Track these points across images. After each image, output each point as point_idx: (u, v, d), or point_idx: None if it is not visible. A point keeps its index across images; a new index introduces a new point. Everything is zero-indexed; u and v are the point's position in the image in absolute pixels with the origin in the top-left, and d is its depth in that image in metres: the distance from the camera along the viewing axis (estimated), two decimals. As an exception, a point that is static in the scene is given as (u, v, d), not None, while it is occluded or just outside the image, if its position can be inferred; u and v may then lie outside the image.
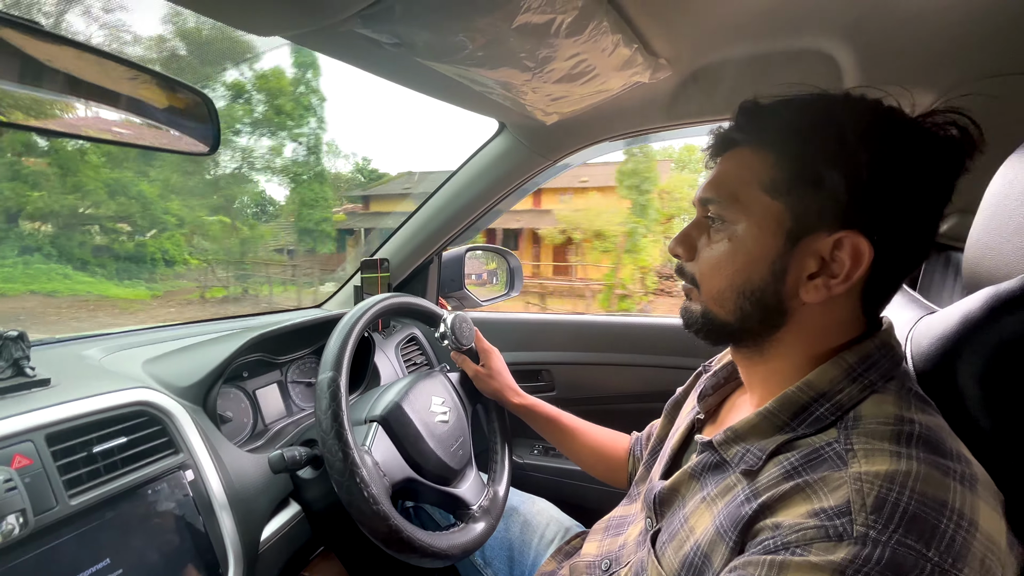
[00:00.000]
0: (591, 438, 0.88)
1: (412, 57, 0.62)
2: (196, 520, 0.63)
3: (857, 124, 0.41)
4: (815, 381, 0.44)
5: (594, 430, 0.89)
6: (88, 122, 0.59)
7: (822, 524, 0.35)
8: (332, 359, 0.67)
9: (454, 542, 0.72)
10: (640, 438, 0.85)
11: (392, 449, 0.72)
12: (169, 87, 0.60)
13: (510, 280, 1.54)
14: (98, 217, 10.65)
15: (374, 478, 0.63)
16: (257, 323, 1.09)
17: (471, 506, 0.79)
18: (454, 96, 0.84)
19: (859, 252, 0.41)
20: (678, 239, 0.52)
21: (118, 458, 0.59)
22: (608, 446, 0.87)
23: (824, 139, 0.41)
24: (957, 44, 0.67)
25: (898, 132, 0.41)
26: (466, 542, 0.73)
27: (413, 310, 0.84)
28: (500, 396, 0.91)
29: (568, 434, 0.89)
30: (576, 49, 0.62)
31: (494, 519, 0.80)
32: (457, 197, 1.18)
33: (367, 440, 0.70)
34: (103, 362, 0.80)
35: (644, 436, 0.85)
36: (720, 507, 0.44)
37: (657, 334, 1.23)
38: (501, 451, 0.93)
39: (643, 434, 0.85)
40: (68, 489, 0.54)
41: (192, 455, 0.66)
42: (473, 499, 0.80)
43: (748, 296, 0.46)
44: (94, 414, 0.60)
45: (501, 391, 0.91)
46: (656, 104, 0.90)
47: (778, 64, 0.78)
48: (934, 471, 0.35)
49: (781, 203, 0.43)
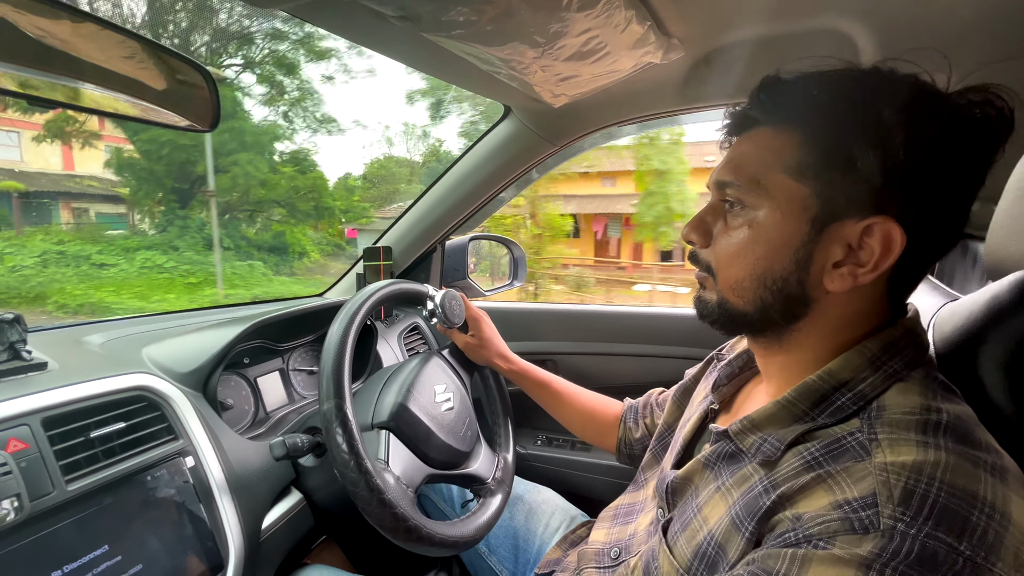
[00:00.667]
0: (581, 402, 0.89)
1: (418, 32, 0.60)
2: (196, 507, 0.62)
3: (893, 100, 0.38)
4: (836, 370, 0.42)
5: (585, 394, 0.90)
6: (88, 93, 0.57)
7: (846, 516, 0.33)
8: (332, 384, 0.63)
9: (479, 523, 0.72)
10: (635, 406, 0.85)
11: (406, 453, 0.71)
12: (169, 60, 0.58)
13: (514, 270, 1.52)
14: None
15: (398, 495, 0.62)
16: (259, 311, 1.08)
17: (486, 480, 0.80)
18: (460, 76, 0.82)
19: (891, 239, 0.39)
20: (692, 224, 0.49)
21: (116, 443, 0.58)
22: (598, 411, 0.87)
23: (857, 116, 0.38)
24: (980, 22, 0.65)
25: (936, 111, 0.38)
26: (489, 518, 0.75)
27: (396, 294, 0.81)
28: (491, 363, 0.91)
29: (559, 398, 0.89)
30: (588, 24, 0.60)
31: (508, 487, 0.83)
32: (461, 184, 1.16)
33: (380, 451, 0.68)
34: (103, 347, 0.79)
35: (640, 404, 0.84)
36: (736, 497, 0.43)
37: (664, 324, 1.21)
38: (503, 417, 0.94)
39: (638, 402, 0.85)
40: (65, 474, 0.53)
41: (192, 441, 0.65)
42: (487, 473, 0.81)
43: (769, 286, 0.43)
44: (92, 398, 0.58)
45: (492, 358, 0.90)
46: (667, 87, 0.88)
47: (793, 45, 0.76)
48: (964, 462, 0.34)
49: (807, 187, 0.41)
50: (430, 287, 0.88)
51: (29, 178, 10.73)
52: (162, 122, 0.57)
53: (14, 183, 10.19)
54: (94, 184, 11.14)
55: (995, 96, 0.38)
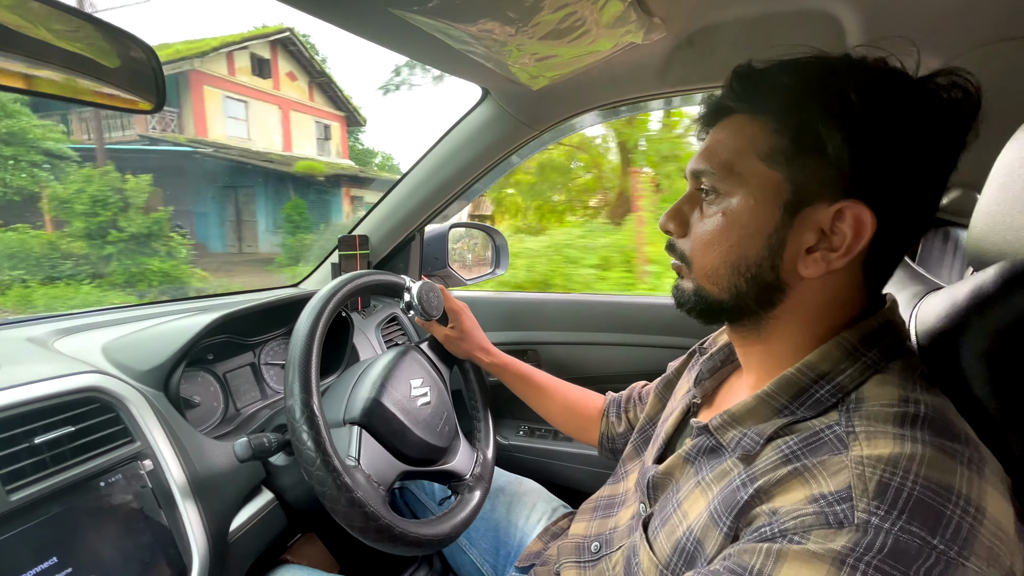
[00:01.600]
0: (563, 395, 0.88)
1: (385, 8, 0.56)
2: (156, 512, 0.59)
3: (860, 86, 0.38)
4: (815, 362, 0.41)
5: (566, 388, 0.89)
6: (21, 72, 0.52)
7: (821, 510, 0.33)
8: (298, 379, 0.59)
9: (455, 521, 0.70)
10: (617, 399, 0.84)
11: (379, 450, 0.68)
12: (110, 36, 0.53)
13: (496, 257, 1.49)
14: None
15: (368, 493, 0.59)
16: (227, 302, 1.03)
17: (464, 476, 0.78)
18: (433, 57, 0.78)
19: (861, 223, 0.39)
20: (669, 214, 0.49)
21: (66, 448, 0.55)
22: (580, 404, 0.87)
23: (826, 102, 0.39)
24: (967, 4, 0.63)
25: (903, 94, 0.38)
26: (466, 516, 0.73)
27: (369, 285, 0.77)
28: (472, 356, 0.89)
29: (541, 391, 0.88)
30: (565, 0, 0.57)
31: (487, 483, 0.81)
32: (439, 170, 1.12)
33: (351, 448, 0.65)
34: (56, 345, 0.74)
35: (623, 397, 0.84)
36: (715, 492, 0.43)
37: (647, 313, 1.20)
38: (483, 412, 0.92)
39: (621, 395, 0.84)
40: (7, 483, 0.49)
41: (150, 444, 0.62)
42: (465, 469, 0.79)
43: (743, 273, 0.43)
44: (37, 401, 0.55)
45: (472, 351, 0.89)
46: (649, 69, 0.85)
47: (779, 26, 0.73)
48: (940, 454, 0.33)
49: (780, 173, 0.41)
50: (407, 278, 0.85)
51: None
52: (105, 103, 0.52)
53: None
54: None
55: (962, 79, 0.38)
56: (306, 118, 12.82)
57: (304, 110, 12.75)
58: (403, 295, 0.83)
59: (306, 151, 12.45)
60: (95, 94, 0.51)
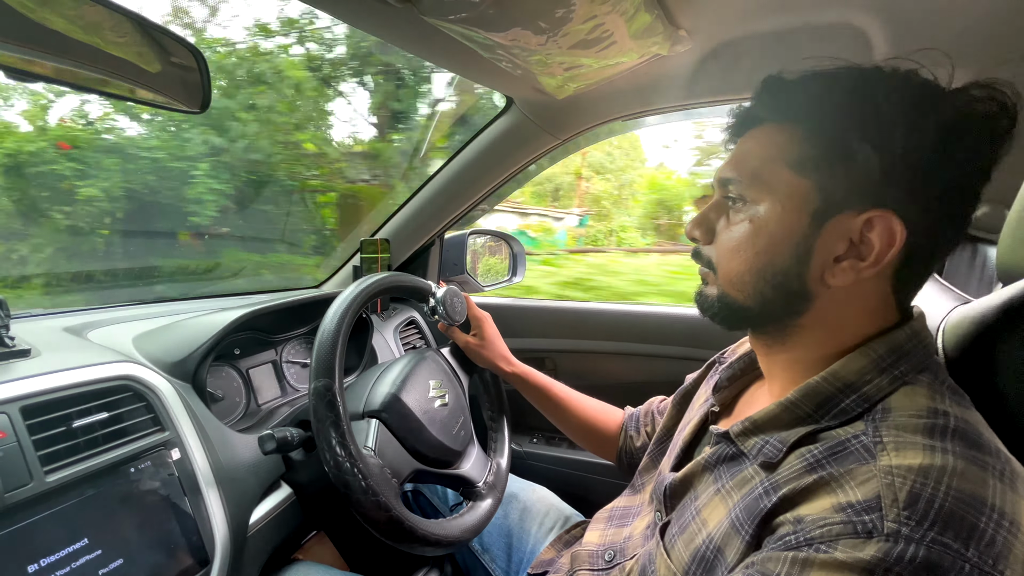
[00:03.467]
0: (583, 410, 0.87)
1: (418, 16, 0.58)
2: (181, 500, 0.60)
3: (891, 96, 0.38)
4: (841, 371, 0.41)
5: (586, 402, 0.88)
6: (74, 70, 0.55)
7: (849, 519, 0.33)
8: (324, 362, 0.62)
9: (465, 526, 0.70)
10: (636, 414, 0.83)
11: (395, 445, 0.69)
12: (160, 41, 0.56)
13: (513, 265, 1.50)
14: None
15: (381, 482, 0.60)
16: (252, 301, 1.06)
17: (476, 483, 0.78)
18: (462, 65, 0.80)
19: (891, 233, 0.39)
20: (695, 221, 0.49)
21: (99, 434, 0.57)
22: (599, 419, 0.85)
23: (857, 111, 0.39)
24: (997, 19, 0.63)
25: (935, 105, 0.38)
26: (476, 522, 0.72)
27: (398, 286, 0.80)
28: (492, 365, 0.89)
29: (560, 404, 0.87)
30: (594, 11, 0.58)
31: (500, 492, 0.80)
32: (461, 177, 1.14)
33: (368, 439, 0.66)
34: (91, 335, 0.77)
35: (642, 412, 0.83)
36: (736, 500, 0.42)
37: (666, 323, 1.20)
38: (500, 422, 0.91)
39: (639, 410, 0.84)
40: (44, 465, 0.51)
41: (178, 433, 0.63)
42: (478, 476, 0.79)
43: (769, 280, 0.43)
44: (75, 387, 0.57)
45: (493, 360, 0.88)
46: (674, 80, 0.86)
47: (805, 39, 0.74)
48: (972, 466, 0.33)
49: (809, 180, 0.41)
50: (432, 283, 0.86)
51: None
52: (153, 101, 0.55)
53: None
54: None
55: (998, 92, 0.38)
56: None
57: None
58: (429, 299, 0.85)
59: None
60: (144, 92, 0.54)
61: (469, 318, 0.89)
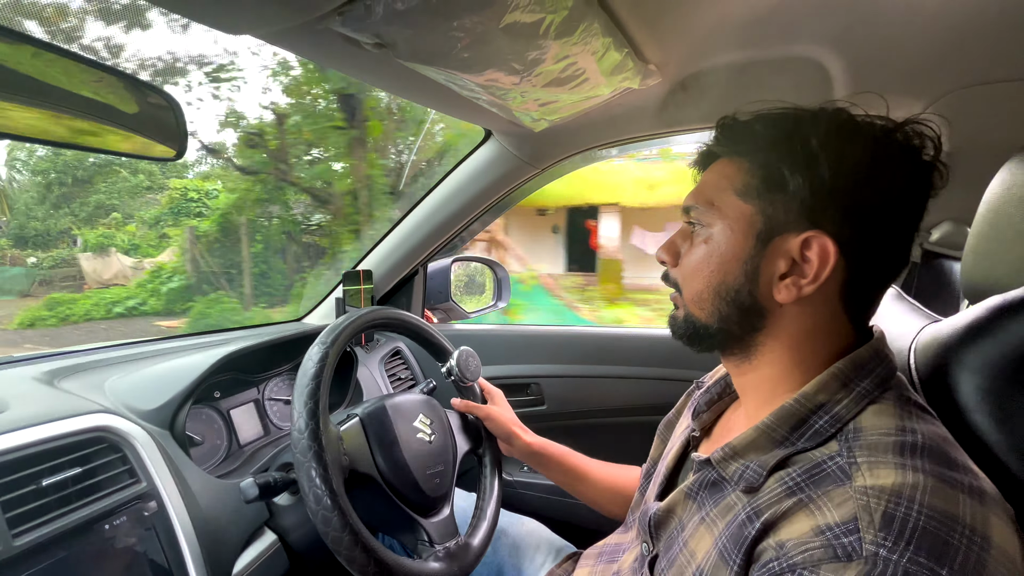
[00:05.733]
0: (606, 476, 0.82)
1: (395, 60, 0.59)
2: (159, 556, 0.58)
3: (819, 132, 0.43)
4: (812, 392, 0.43)
5: (605, 466, 0.84)
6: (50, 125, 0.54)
7: (829, 543, 0.34)
8: (307, 415, 0.59)
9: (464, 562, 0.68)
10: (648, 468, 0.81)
11: (364, 443, 0.67)
12: (135, 89, 0.56)
13: (497, 291, 1.51)
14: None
15: (331, 449, 0.59)
16: (230, 337, 1.04)
17: (434, 543, 0.68)
18: (439, 102, 0.81)
19: (825, 252, 0.42)
20: (663, 246, 0.54)
21: (72, 491, 0.55)
22: (622, 483, 0.81)
23: (790, 145, 0.44)
24: (946, 52, 0.67)
25: (858, 139, 0.43)
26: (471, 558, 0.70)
27: (425, 338, 0.82)
28: (508, 432, 0.83)
29: (579, 472, 0.83)
30: (566, 52, 0.60)
31: (457, 570, 0.68)
32: (443, 206, 1.15)
33: (341, 423, 0.67)
34: (65, 383, 0.74)
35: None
36: (721, 528, 0.43)
37: (648, 345, 1.21)
38: (487, 505, 0.81)
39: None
40: (12, 528, 0.49)
41: (155, 484, 0.61)
42: (438, 537, 0.70)
43: (724, 296, 0.47)
44: (45, 442, 0.55)
45: (509, 427, 0.83)
46: (646, 111, 0.89)
47: (768, 72, 0.77)
48: (942, 483, 0.34)
49: (752, 206, 0.46)
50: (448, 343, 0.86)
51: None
52: (129, 153, 0.55)
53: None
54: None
55: (922, 127, 0.43)
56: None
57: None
58: (446, 360, 0.84)
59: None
60: (120, 143, 0.53)
61: (483, 392, 0.88)
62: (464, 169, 1.10)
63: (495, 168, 1.07)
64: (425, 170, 3.50)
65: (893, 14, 0.62)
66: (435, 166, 1.36)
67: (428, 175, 1.21)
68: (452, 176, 1.12)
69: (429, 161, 3.90)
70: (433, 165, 3.46)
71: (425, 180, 1.20)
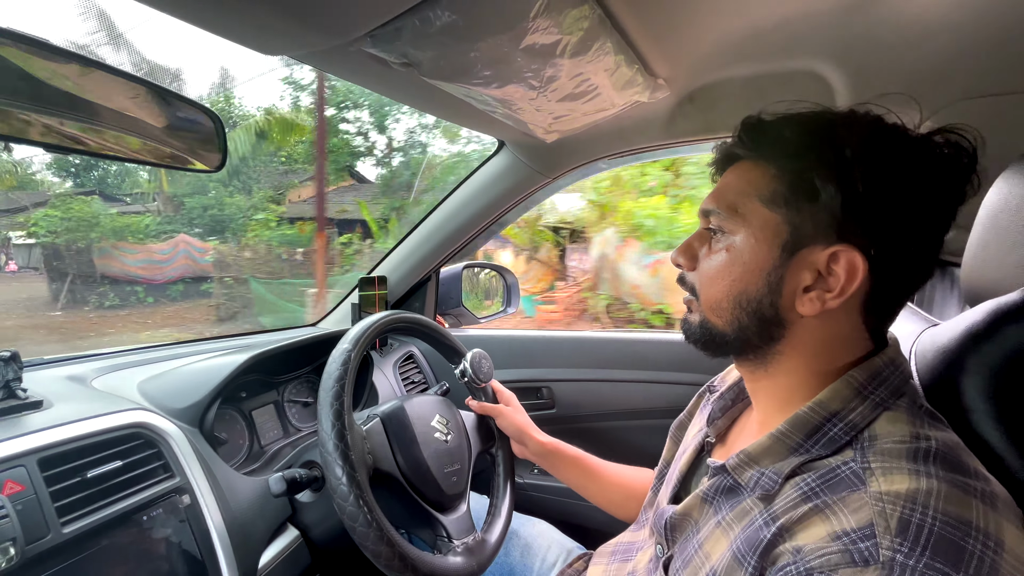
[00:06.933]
0: (619, 478, 0.83)
1: (419, 77, 0.63)
2: (192, 547, 0.61)
3: (855, 139, 0.41)
4: (826, 400, 0.43)
5: (619, 469, 0.84)
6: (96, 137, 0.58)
7: (846, 548, 0.34)
8: (332, 414, 0.61)
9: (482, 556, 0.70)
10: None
11: (385, 442, 0.71)
12: (177, 104, 0.60)
13: (507, 296, 1.53)
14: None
15: (356, 448, 0.61)
16: (253, 342, 1.07)
17: (452, 539, 0.71)
18: (456, 114, 0.85)
19: (854, 267, 0.41)
20: (680, 249, 0.52)
21: (113, 483, 0.58)
22: (636, 485, 0.81)
23: (822, 153, 0.42)
24: (943, 66, 0.69)
25: (896, 149, 0.41)
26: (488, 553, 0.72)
27: (440, 340, 0.85)
28: (522, 433, 0.85)
29: (594, 474, 0.83)
30: (580, 69, 0.63)
31: (475, 565, 0.70)
32: (456, 214, 1.18)
33: (363, 423, 0.69)
34: (97, 383, 0.78)
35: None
36: (737, 531, 0.43)
37: (659, 349, 1.23)
38: (501, 503, 0.84)
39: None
40: (61, 516, 0.52)
41: (189, 479, 0.64)
42: (456, 534, 0.73)
43: (744, 307, 0.46)
44: (88, 437, 0.58)
45: (523, 427, 0.85)
46: (654, 123, 0.92)
47: (772, 85, 0.80)
48: (955, 489, 0.35)
49: (778, 215, 0.44)
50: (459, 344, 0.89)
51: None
52: (170, 164, 0.58)
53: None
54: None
55: (958, 135, 0.41)
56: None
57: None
58: (459, 362, 0.87)
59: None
60: (163, 156, 0.57)
61: (496, 395, 0.90)
62: (477, 178, 1.13)
63: (507, 177, 1.11)
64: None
65: (893, 29, 0.65)
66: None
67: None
68: (466, 185, 1.15)
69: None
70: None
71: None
